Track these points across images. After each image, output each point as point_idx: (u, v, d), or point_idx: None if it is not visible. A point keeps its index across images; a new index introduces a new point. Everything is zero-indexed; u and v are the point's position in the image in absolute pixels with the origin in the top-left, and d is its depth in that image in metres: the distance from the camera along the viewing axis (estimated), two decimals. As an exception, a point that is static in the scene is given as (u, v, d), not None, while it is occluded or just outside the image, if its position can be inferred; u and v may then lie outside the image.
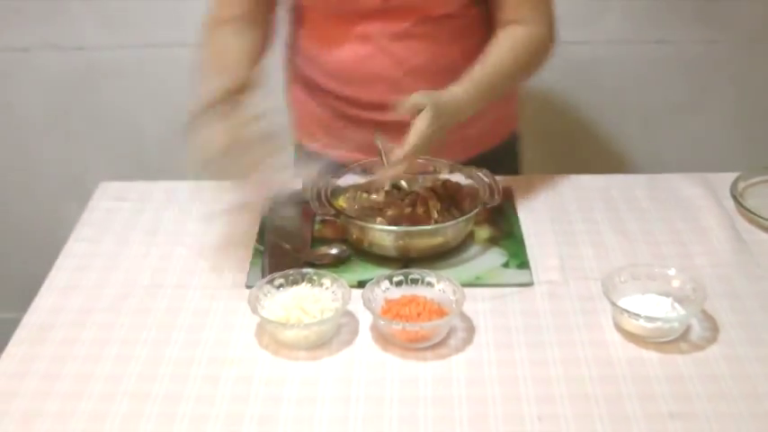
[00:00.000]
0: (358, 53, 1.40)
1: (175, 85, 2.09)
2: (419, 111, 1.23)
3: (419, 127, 1.22)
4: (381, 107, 1.38)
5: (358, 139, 1.43)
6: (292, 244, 1.27)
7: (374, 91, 1.42)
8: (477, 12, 1.42)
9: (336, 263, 1.23)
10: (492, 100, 1.36)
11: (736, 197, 1.36)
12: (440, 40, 1.40)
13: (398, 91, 1.32)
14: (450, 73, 1.35)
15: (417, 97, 1.25)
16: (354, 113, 1.46)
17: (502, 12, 1.38)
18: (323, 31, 1.44)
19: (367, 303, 1.09)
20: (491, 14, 1.41)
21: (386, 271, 1.17)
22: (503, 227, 1.32)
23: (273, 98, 1.34)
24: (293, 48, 1.52)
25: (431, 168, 1.35)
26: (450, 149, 1.33)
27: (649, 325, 1.06)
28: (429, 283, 1.14)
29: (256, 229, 1.32)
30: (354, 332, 1.10)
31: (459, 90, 1.30)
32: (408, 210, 1.26)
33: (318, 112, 1.51)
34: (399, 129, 1.24)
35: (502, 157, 1.55)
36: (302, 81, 1.52)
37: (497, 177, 1.31)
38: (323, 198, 1.27)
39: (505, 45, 1.36)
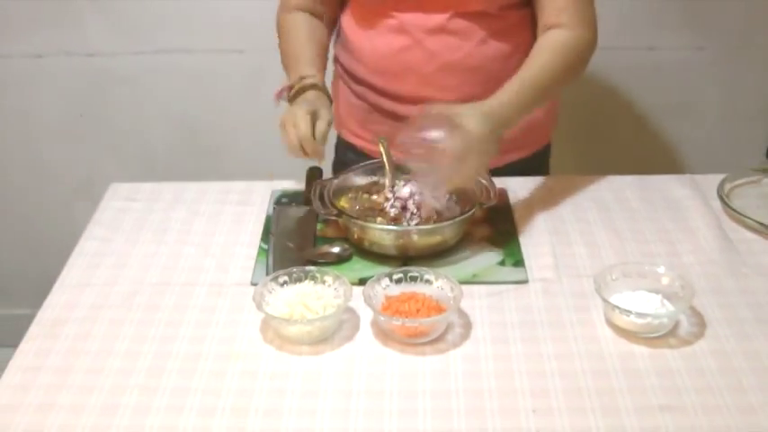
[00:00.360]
0: (393, 44, 1.41)
1: (183, 90, 2.14)
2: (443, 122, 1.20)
3: (471, 140, 1.19)
4: (412, 100, 1.39)
5: (391, 135, 1.36)
6: (296, 243, 1.29)
7: (405, 83, 1.42)
8: (518, 15, 1.41)
9: (338, 261, 1.25)
10: (538, 105, 1.33)
11: (722, 198, 1.38)
12: (475, 38, 1.39)
13: (429, 85, 1.32)
14: (482, 73, 1.35)
15: (441, 108, 1.22)
16: (388, 107, 1.46)
17: (543, 16, 1.36)
18: (363, 21, 1.44)
19: (368, 300, 1.11)
20: (535, 20, 1.39)
21: (386, 269, 1.19)
22: (499, 226, 1.33)
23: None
24: (339, 39, 1.53)
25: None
26: None
27: (640, 321, 1.08)
28: (428, 281, 1.15)
29: (261, 228, 1.35)
30: (355, 328, 1.12)
31: (504, 97, 1.26)
32: (408, 210, 1.28)
33: (357, 104, 1.52)
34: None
35: (534, 167, 1.54)
36: (345, 73, 1.53)
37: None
38: (326, 199, 1.29)
39: (548, 49, 1.33)
